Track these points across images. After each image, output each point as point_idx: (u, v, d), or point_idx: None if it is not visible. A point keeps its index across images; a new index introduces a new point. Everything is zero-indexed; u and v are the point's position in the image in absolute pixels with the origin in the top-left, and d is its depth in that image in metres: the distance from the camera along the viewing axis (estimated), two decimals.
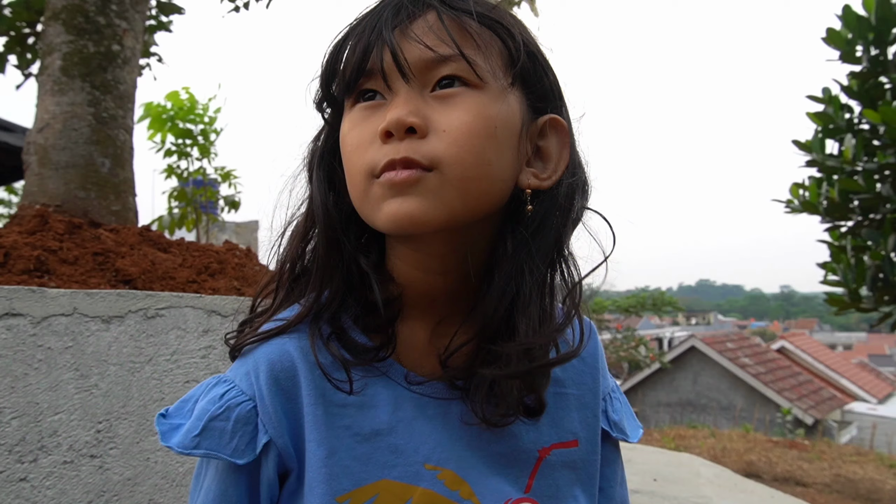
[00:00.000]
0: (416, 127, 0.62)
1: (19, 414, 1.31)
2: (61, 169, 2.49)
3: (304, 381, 0.66)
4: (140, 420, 1.50)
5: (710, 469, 4.93)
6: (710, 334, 22.49)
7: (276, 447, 0.66)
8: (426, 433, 0.68)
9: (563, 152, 0.71)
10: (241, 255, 2.58)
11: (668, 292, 22.01)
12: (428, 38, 0.64)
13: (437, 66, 0.64)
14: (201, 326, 1.64)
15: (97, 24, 2.65)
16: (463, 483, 0.68)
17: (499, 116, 0.65)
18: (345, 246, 0.69)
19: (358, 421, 0.67)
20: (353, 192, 0.67)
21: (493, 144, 0.64)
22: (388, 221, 0.64)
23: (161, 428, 0.67)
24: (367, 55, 0.65)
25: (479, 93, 0.64)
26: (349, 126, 0.68)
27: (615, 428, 0.80)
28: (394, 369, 0.70)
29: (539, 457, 0.72)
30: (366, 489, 0.65)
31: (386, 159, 0.63)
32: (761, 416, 16.78)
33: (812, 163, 5.09)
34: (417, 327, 0.71)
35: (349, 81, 0.67)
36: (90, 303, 1.45)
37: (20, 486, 1.30)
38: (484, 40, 0.66)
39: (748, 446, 11.11)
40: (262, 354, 0.67)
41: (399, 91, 0.64)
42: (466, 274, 0.70)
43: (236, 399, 0.65)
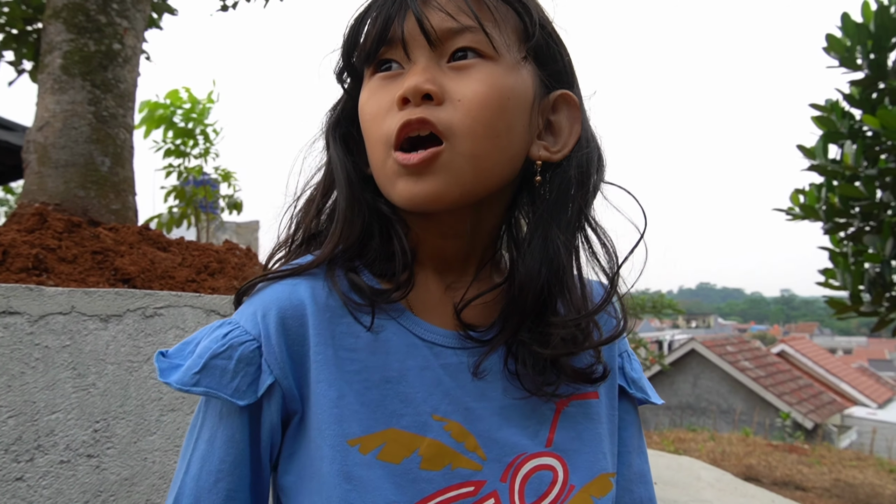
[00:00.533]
0: (433, 94, 0.64)
1: (16, 413, 1.31)
2: (61, 167, 2.49)
3: (313, 323, 0.65)
4: (138, 420, 1.49)
5: (711, 473, 4.92)
6: (710, 337, 22.47)
7: (280, 388, 0.64)
8: (436, 383, 0.68)
9: (574, 127, 0.72)
10: (241, 255, 2.57)
11: (668, 295, 21.99)
12: (447, 7, 0.65)
13: (455, 36, 0.66)
14: (200, 326, 1.63)
15: (98, 22, 2.65)
16: (469, 435, 0.67)
17: (512, 88, 0.67)
18: (364, 199, 0.70)
19: (368, 366, 0.66)
20: (373, 160, 0.69)
21: (505, 116, 0.66)
22: (403, 200, 0.66)
23: (160, 365, 0.65)
24: (388, 24, 0.67)
25: (493, 64, 0.66)
26: (367, 95, 0.69)
27: (633, 385, 0.80)
28: (406, 317, 0.69)
29: (556, 409, 0.72)
30: (374, 437, 0.64)
31: (401, 121, 0.64)
32: (761, 419, 16.75)
33: (814, 168, 5.10)
34: (430, 281, 0.72)
35: (370, 51, 0.68)
36: (88, 301, 1.45)
37: (16, 486, 1.29)
38: (500, 13, 0.67)
39: (748, 450, 11.10)
40: (272, 295, 0.66)
41: (417, 60, 0.66)
42: (478, 239, 0.72)
43: (239, 338, 0.64)
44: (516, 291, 0.69)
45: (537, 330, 0.69)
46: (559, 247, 0.69)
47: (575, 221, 0.70)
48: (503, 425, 0.68)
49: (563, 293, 0.69)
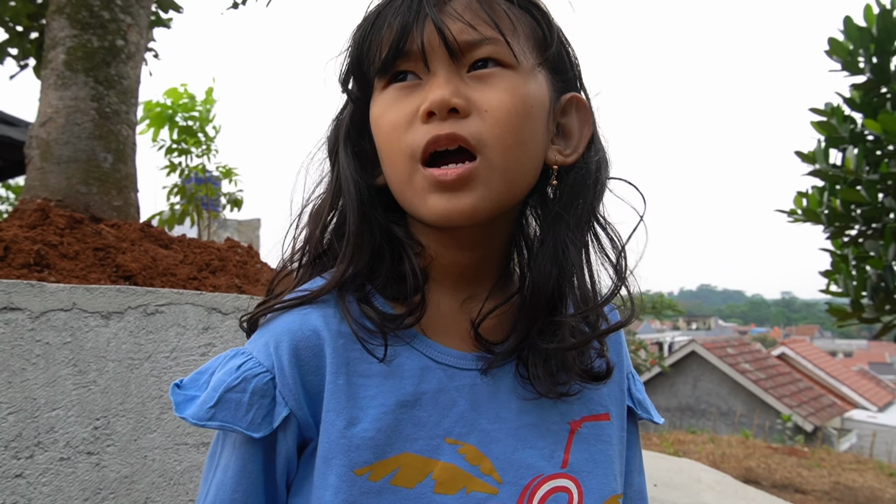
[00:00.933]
0: (460, 108, 0.63)
1: (16, 409, 1.30)
2: (63, 163, 2.48)
3: (329, 351, 0.65)
4: (138, 417, 1.48)
5: (711, 475, 4.92)
6: (710, 339, 22.46)
7: (296, 419, 0.65)
8: (450, 405, 0.67)
9: (585, 129, 0.73)
10: (243, 253, 2.57)
11: (668, 296, 21.96)
12: (467, 17, 0.64)
13: (475, 47, 0.65)
14: (201, 324, 1.63)
15: (101, 18, 2.64)
16: (483, 458, 0.67)
17: (533, 95, 0.67)
18: (375, 218, 0.69)
19: (383, 391, 0.66)
20: (394, 175, 0.68)
21: (530, 123, 0.66)
22: (437, 216, 0.65)
23: (175, 398, 0.66)
24: (405, 34, 0.65)
25: (513, 73, 0.66)
26: (383, 107, 0.68)
27: (639, 406, 0.80)
28: (419, 340, 0.69)
29: (571, 429, 0.71)
30: (387, 462, 0.64)
31: (429, 136, 0.64)
32: (761, 422, 16.74)
33: (815, 172, 5.08)
34: (444, 300, 0.71)
35: (386, 61, 0.66)
36: (89, 298, 1.44)
37: (16, 483, 1.28)
38: (516, 20, 0.67)
39: (747, 452, 11.09)
40: (283, 325, 0.66)
41: (437, 71, 0.65)
42: (492, 248, 0.72)
43: (253, 370, 0.65)
44: (528, 295, 0.69)
45: (547, 329, 0.69)
46: (569, 247, 0.69)
47: (585, 221, 0.71)
48: (519, 447, 0.68)
49: (573, 291, 0.70)
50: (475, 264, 0.72)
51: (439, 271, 0.71)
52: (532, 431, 0.69)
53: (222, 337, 1.67)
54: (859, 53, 4.70)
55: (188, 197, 4.96)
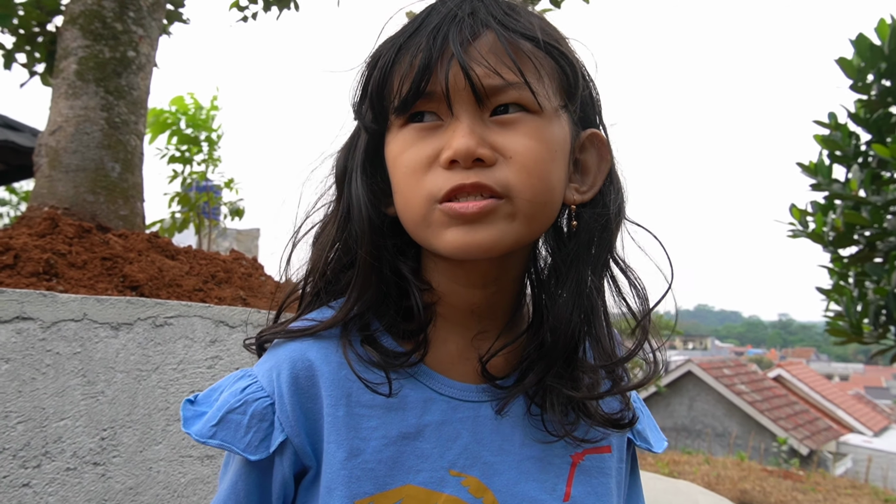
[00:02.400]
0: (485, 158, 0.62)
1: (25, 419, 1.31)
2: (71, 172, 2.50)
3: (325, 383, 0.66)
4: (144, 429, 1.49)
5: (708, 498, 4.89)
6: (706, 360, 22.42)
7: (292, 446, 0.66)
8: (453, 437, 0.68)
9: (602, 165, 0.72)
10: (248, 265, 2.58)
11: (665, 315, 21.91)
12: (492, 61, 0.62)
13: (499, 92, 0.63)
14: (209, 336, 1.63)
15: (114, 30, 2.67)
16: (487, 491, 0.67)
17: (556, 141, 0.66)
18: (385, 254, 0.69)
19: (385, 423, 0.67)
20: (409, 214, 0.66)
21: (555, 168, 0.66)
22: (455, 249, 0.63)
23: (185, 414, 0.67)
24: (427, 74, 0.63)
25: (537, 118, 0.65)
26: (401, 147, 0.66)
27: (639, 437, 0.79)
28: (423, 372, 0.69)
29: (573, 462, 0.71)
30: (389, 494, 0.65)
31: (452, 185, 0.62)
32: (756, 444, 16.68)
33: (818, 186, 5.07)
34: (451, 337, 0.71)
35: (406, 101, 0.64)
36: (100, 309, 1.45)
37: (23, 492, 1.28)
38: (540, 64, 0.65)
39: (742, 474, 11.04)
40: (285, 354, 0.68)
41: (461, 116, 0.63)
42: (505, 285, 0.71)
43: (254, 395, 0.66)
44: (547, 337, 0.68)
45: (565, 374, 0.68)
46: (590, 289, 0.68)
47: (603, 261, 0.70)
48: (521, 479, 0.68)
49: (592, 335, 0.69)
50: (487, 303, 0.71)
51: (448, 308, 0.71)
52: (535, 465, 0.69)
53: (229, 350, 1.68)
54: (869, 72, 4.68)
55: (190, 205, 4.97)
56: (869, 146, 4.79)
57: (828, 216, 5.00)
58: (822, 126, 5.10)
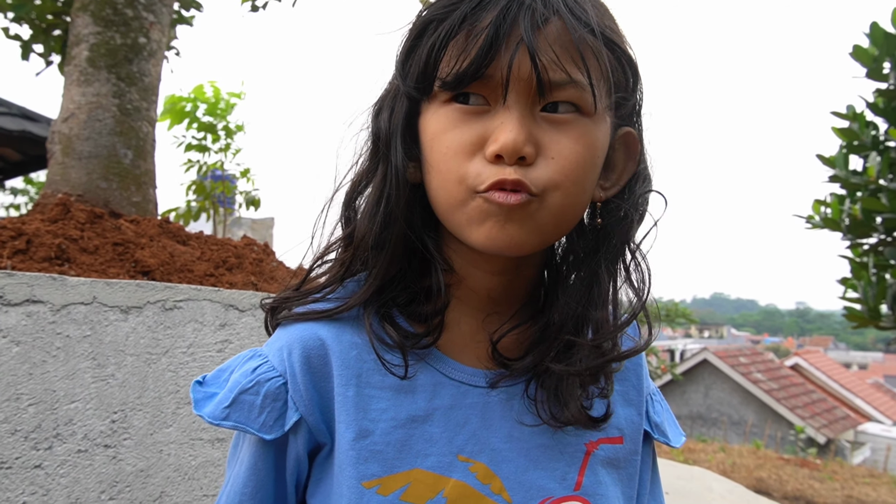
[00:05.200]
0: (528, 156, 0.60)
1: (36, 401, 1.31)
2: (84, 159, 2.51)
3: (336, 362, 0.66)
4: (154, 412, 1.49)
5: (722, 484, 4.87)
6: (722, 348, 22.29)
7: (306, 424, 0.66)
8: (462, 423, 0.67)
9: (630, 164, 0.70)
10: (259, 251, 2.58)
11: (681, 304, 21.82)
12: (560, 54, 0.59)
13: (559, 89, 0.60)
14: (218, 320, 1.64)
15: (125, 16, 2.67)
16: (494, 477, 0.66)
17: (600, 143, 0.64)
18: (414, 227, 0.67)
19: (395, 405, 0.66)
20: (444, 197, 0.64)
21: (593, 171, 0.64)
22: (486, 243, 0.62)
23: (195, 396, 0.67)
24: (490, 56, 0.58)
25: (589, 120, 0.62)
26: (443, 126, 0.63)
27: (656, 429, 0.78)
28: (434, 356, 0.69)
29: (587, 451, 0.70)
30: (397, 477, 0.64)
31: (496, 178, 0.60)
32: (772, 432, 16.58)
33: (835, 178, 5.01)
34: (464, 320, 0.71)
35: (460, 79, 0.60)
36: (109, 292, 1.45)
37: (35, 473, 1.29)
38: (602, 62, 0.61)
39: (758, 463, 10.98)
40: (296, 332, 0.67)
41: (512, 106, 0.60)
42: (523, 274, 0.70)
43: (267, 374, 0.66)
44: (554, 321, 0.68)
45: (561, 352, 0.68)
46: (601, 280, 0.68)
47: (619, 252, 0.69)
48: (530, 467, 0.67)
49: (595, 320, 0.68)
50: (503, 288, 0.70)
51: (465, 291, 0.70)
52: (545, 453, 0.68)
53: (238, 334, 1.68)
54: (885, 59, 4.61)
55: (205, 193, 4.99)
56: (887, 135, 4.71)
57: (844, 205, 4.94)
58: (840, 117, 5.02)
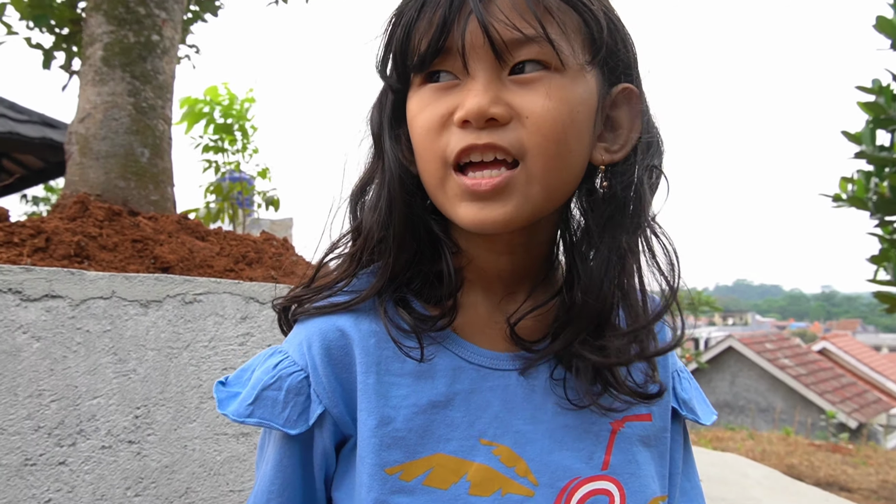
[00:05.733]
0: (498, 117, 0.60)
1: (59, 397, 1.30)
2: (102, 158, 2.51)
3: (357, 350, 0.66)
4: (178, 407, 1.47)
5: (758, 470, 4.79)
6: (748, 334, 22.00)
7: (331, 417, 0.66)
8: (483, 406, 0.66)
9: (635, 122, 0.68)
10: (278, 246, 2.56)
11: (704, 292, 21.57)
12: (511, 16, 0.59)
13: (519, 47, 0.60)
14: (239, 313, 1.61)
15: (137, 14, 2.66)
16: (519, 459, 0.65)
17: (579, 99, 0.62)
18: (417, 214, 0.67)
19: (416, 391, 0.66)
20: (426, 177, 0.66)
21: (575, 129, 0.62)
22: (469, 224, 0.63)
23: (219, 395, 0.68)
24: (445, 31, 0.60)
25: (558, 76, 0.61)
26: (418, 106, 0.65)
27: (684, 406, 0.76)
28: (452, 340, 0.68)
29: (612, 429, 0.69)
30: (419, 462, 0.64)
31: (463, 144, 0.61)
32: (802, 418, 16.34)
33: (861, 154, 4.89)
34: (479, 301, 0.70)
35: (423, 59, 0.62)
36: (129, 287, 1.44)
37: (59, 470, 1.28)
38: (565, 19, 0.61)
39: (789, 449, 10.82)
40: (315, 325, 0.67)
41: (477, 74, 0.61)
42: (533, 250, 0.69)
43: (288, 369, 0.66)
44: (578, 300, 0.65)
45: (594, 340, 0.66)
46: (624, 253, 0.66)
47: (637, 224, 0.67)
48: (555, 448, 0.67)
49: (626, 301, 0.67)
50: (514, 267, 0.69)
51: (476, 273, 0.69)
52: (569, 433, 0.67)
53: (259, 326, 1.65)
54: None
55: (223, 195, 5.01)
56: None
57: (870, 182, 4.82)
58: (866, 92, 4.89)
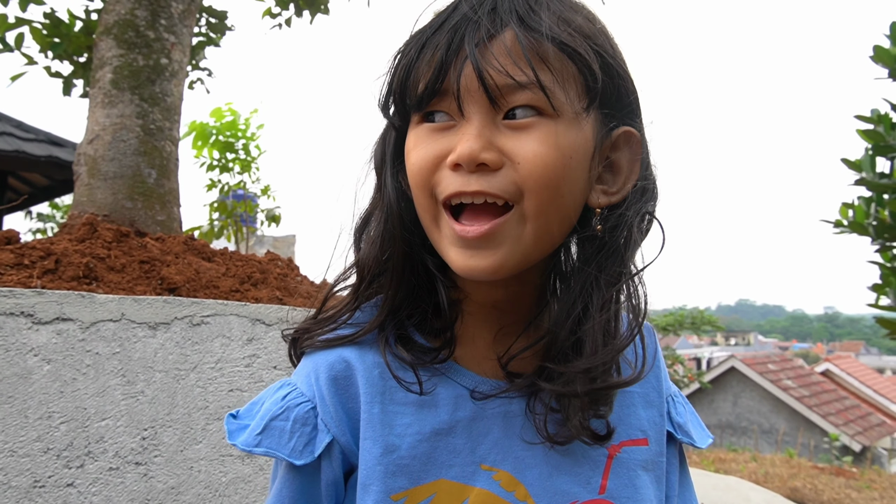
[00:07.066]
0: (489, 162, 0.61)
1: (68, 419, 1.31)
2: (109, 179, 2.54)
3: (362, 381, 0.67)
4: (184, 428, 1.49)
5: (760, 494, 4.76)
6: (750, 355, 21.91)
7: (339, 445, 0.67)
8: (484, 433, 0.68)
9: (635, 166, 0.69)
10: (283, 266, 2.58)
11: (706, 311, 21.51)
12: (506, 62, 0.61)
13: (513, 93, 0.61)
14: (245, 335, 1.63)
15: (147, 38, 2.71)
16: (518, 484, 0.67)
17: (573, 146, 0.63)
18: (415, 249, 0.69)
19: (419, 420, 0.67)
20: (421, 212, 0.67)
21: (568, 175, 0.63)
22: (460, 270, 0.64)
23: (229, 427, 0.69)
24: (441, 74, 0.62)
25: (553, 122, 0.62)
26: (415, 143, 0.66)
27: (679, 430, 0.77)
28: (454, 370, 0.70)
29: (609, 454, 0.70)
30: (422, 489, 0.66)
31: (453, 189, 0.62)
32: (805, 440, 16.21)
33: (861, 182, 4.92)
34: (478, 332, 0.72)
35: (421, 100, 0.64)
36: (137, 309, 1.46)
37: (67, 492, 1.29)
38: (561, 66, 0.62)
39: (792, 472, 10.73)
40: (322, 357, 0.69)
41: (471, 118, 0.62)
42: (527, 283, 0.71)
43: (296, 400, 0.68)
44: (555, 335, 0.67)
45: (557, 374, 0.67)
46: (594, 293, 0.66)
47: (621, 265, 0.68)
48: (553, 473, 0.68)
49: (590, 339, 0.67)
50: (509, 301, 0.71)
51: (473, 305, 0.71)
52: (567, 458, 0.69)
53: (266, 348, 1.67)
54: None
55: (227, 213, 5.04)
56: None
57: (870, 208, 4.84)
58: (865, 120, 4.93)
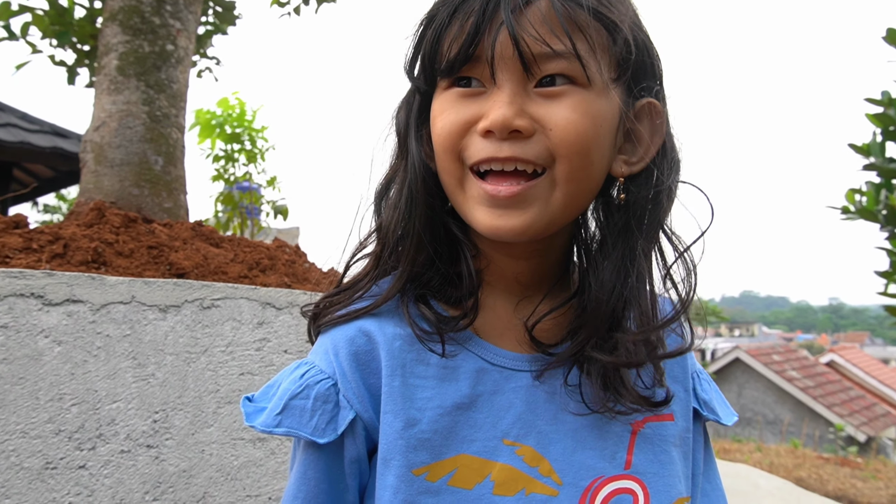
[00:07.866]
0: (522, 129, 0.61)
1: (79, 401, 1.31)
2: (116, 166, 2.53)
3: (384, 353, 0.66)
4: (195, 411, 1.48)
5: (769, 481, 4.76)
6: (755, 346, 21.89)
7: (362, 422, 0.66)
8: (506, 407, 0.67)
9: (655, 137, 0.69)
10: (291, 253, 2.57)
11: (710, 302, 21.48)
12: (542, 30, 0.60)
13: (547, 61, 0.61)
14: (256, 318, 1.62)
15: (152, 24, 2.69)
16: (542, 459, 0.66)
17: (603, 114, 0.64)
18: (437, 214, 0.68)
19: (440, 393, 0.66)
20: (445, 176, 0.67)
21: (598, 143, 0.63)
22: (486, 230, 0.64)
23: (246, 410, 0.68)
24: (475, 39, 0.61)
25: (584, 91, 0.62)
26: (443, 107, 0.66)
27: (705, 406, 0.77)
28: (475, 342, 0.69)
29: (633, 430, 0.69)
30: (444, 463, 0.64)
31: (484, 155, 0.62)
32: (810, 431, 16.21)
33: (871, 167, 4.88)
34: (499, 303, 0.71)
35: (452, 65, 0.63)
36: (147, 291, 1.45)
37: (79, 474, 1.28)
38: (594, 36, 0.62)
39: (797, 462, 10.72)
40: (340, 332, 0.68)
41: (503, 85, 0.62)
42: (549, 256, 0.71)
43: (315, 378, 0.66)
44: (590, 305, 0.67)
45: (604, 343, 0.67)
46: (636, 260, 0.67)
47: (652, 233, 0.68)
48: (578, 448, 0.67)
49: (636, 305, 0.67)
50: (531, 270, 0.70)
51: (495, 275, 0.71)
52: (592, 433, 0.68)
53: (276, 332, 1.66)
54: None
55: (233, 204, 5.04)
56: None
57: (880, 194, 4.80)
58: (875, 104, 4.88)
